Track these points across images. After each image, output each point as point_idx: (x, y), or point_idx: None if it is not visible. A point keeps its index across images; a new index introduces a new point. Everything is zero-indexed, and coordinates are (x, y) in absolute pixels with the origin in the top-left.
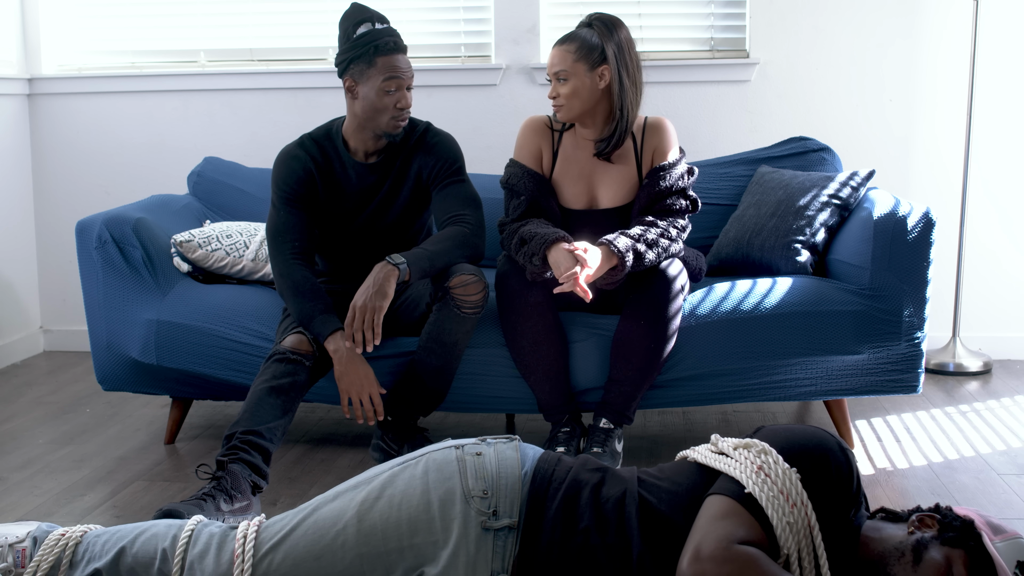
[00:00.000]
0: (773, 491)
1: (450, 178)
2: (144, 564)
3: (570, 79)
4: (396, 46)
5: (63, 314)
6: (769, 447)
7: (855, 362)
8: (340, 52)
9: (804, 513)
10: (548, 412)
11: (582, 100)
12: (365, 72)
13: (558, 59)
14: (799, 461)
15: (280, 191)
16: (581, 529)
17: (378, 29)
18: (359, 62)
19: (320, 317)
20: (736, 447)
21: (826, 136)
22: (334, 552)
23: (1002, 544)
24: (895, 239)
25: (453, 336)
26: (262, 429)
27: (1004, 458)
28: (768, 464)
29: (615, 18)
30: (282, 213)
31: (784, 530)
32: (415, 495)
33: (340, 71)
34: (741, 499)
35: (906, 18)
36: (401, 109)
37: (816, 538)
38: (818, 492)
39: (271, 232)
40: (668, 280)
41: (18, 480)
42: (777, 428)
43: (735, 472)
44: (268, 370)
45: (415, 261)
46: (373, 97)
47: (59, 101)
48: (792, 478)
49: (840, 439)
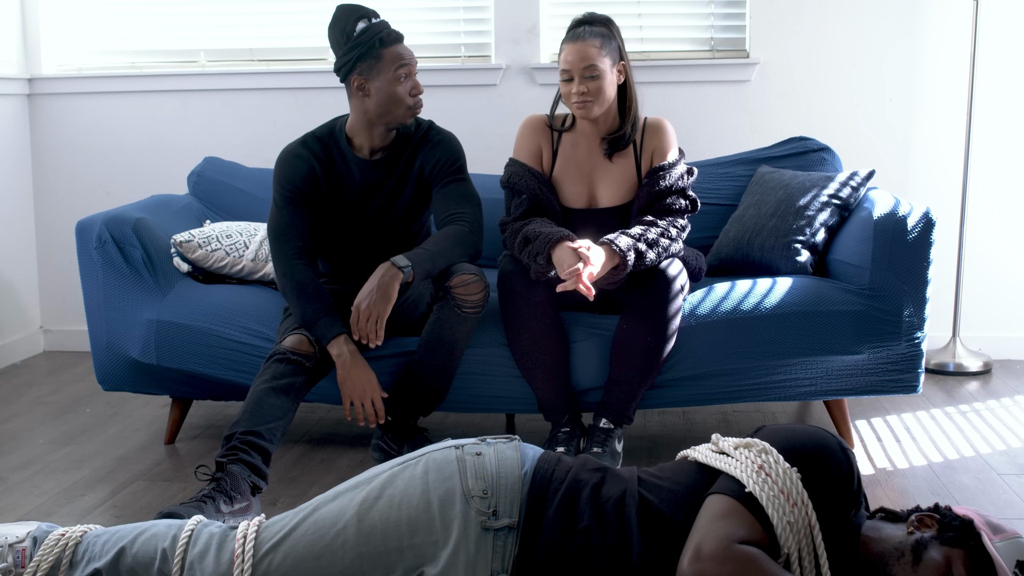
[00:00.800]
0: (774, 490)
1: (451, 176)
2: (144, 564)
3: (600, 75)
4: (397, 36)
5: (63, 314)
6: (770, 447)
7: (855, 362)
8: (342, 54)
9: (805, 513)
10: (548, 412)
11: (608, 96)
12: (374, 67)
13: (585, 54)
14: (800, 461)
15: (283, 190)
16: (581, 529)
17: (375, 24)
18: (366, 59)
19: (324, 320)
20: (737, 447)
21: (826, 136)
22: (334, 552)
23: (1002, 544)
24: (895, 239)
25: (454, 336)
26: (262, 430)
27: (1004, 458)
28: (769, 463)
29: (609, 18)
30: (285, 213)
31: (784, 529)
32: (415, 495)
33: (344, 73)
34: (742, 498)
35: (906, 18)
36: (416, 96)
37: (816, 537)
38: (819, 492)
39: (273, 232)
40: (668, 280)
41: (18, 480)
42: (778, 428)
43: (736, 471)
44: (268, 370)
45: (418, 262)
46: (387, 89)
47: (59, 101)
48: (793, 478)
49: (841, 439)
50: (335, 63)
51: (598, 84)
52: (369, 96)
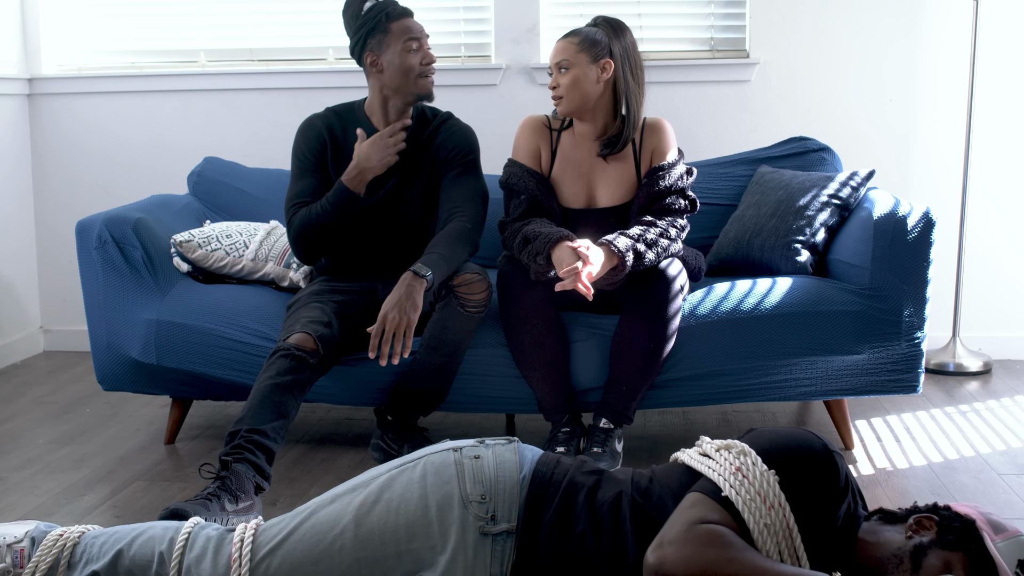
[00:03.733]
0: (751, 492)
1: (462, 167)
2: (141, 567)
3: (571, 68)
4: (404, 10)
5: (63, 314)
6: (749, 448)
7: (855, 362)
8: (353, 34)
9: (782, 515)
10: (548, 412)
11: (581, 92)
12: (383, 41)
13: (560, 49)
14: (778, 463)
15: (297, 159)
16: (577, 533)
17: (382, 1)
18: (375, 34)
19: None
20: (718, 448)
21: (826, 136)
22: (331, 557)
23: (1003, 543)
24: (895, 239)
25: (456, 335)
26: (267, 428)
27: (1004, 458)
28: (747, 465)
29: (621, 21)
30: (300, 181)
31: (761, 532)
32: (413, 499)
33: (358, 53)
34: (719, 500)
35: (906, 18)
36: (427, 64)
37: (796, 540)
38: (799, 493)
39: (289, 200)
40: (668, 280)
41: (18, 480)
42: (764, 431)
43: (714, 474)
44: (273, 366)
45: (436, 268)
46: (398, 61)
47: (59, 101)
48: (770, 480)
49: (827, 441)
50: (349, 46)
51: (568, 78)
52: (383, 72)
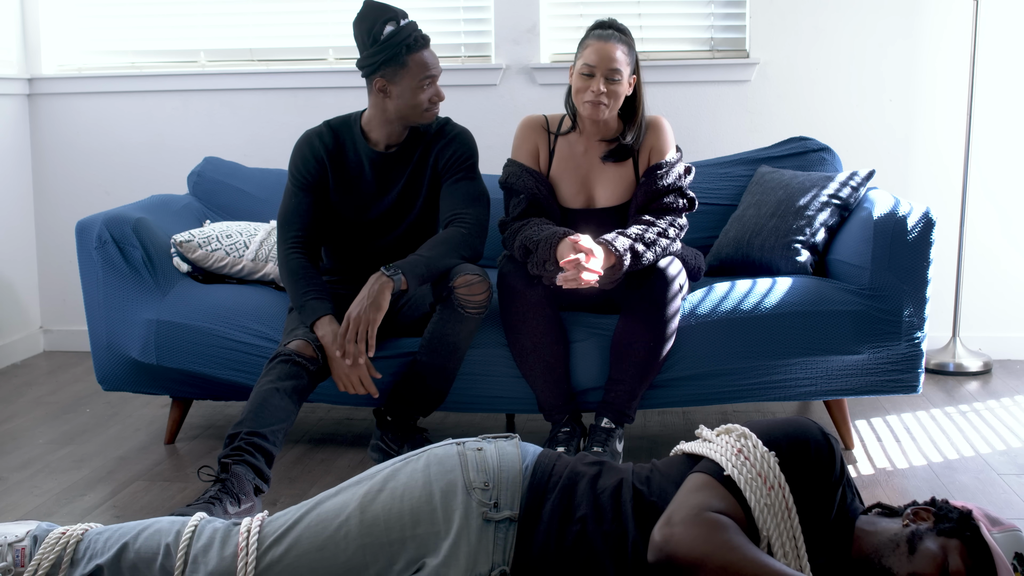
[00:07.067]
0: (752, 473)
1: (461, 173)
2: (147, 560)
3: (622, 80)
4: (424, 41)
5: (63, 314)
6: (749, 432)
7: (855, 362)
8: (367, 55)
9: (782, 496)
10: (548, 412)
11: (620, 101)
12: (398, 72)
13: (613, 56)
14: (778, 445)
15: (291, 176)
16: (579, 518)
17: (404, 27)
18: (391, 64)
19: (311, 303)
20: (719, 433)
21: (826, 136)
22: (337, 543)
23: (1000, 536)
24: (895, 239)
25: (456, 336)
26: (266, 431)
27: (1004, 458)
28: (748, 447)
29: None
30: (291, 200)
31: (762, 512)
32: (417, 487)
33: (368, 72)
34: (721, 479)
35: (906, 18)
36: (436, 101)
37: (794, 520)
38: (798, 475)
39: (279, 219)
40: (667, 279)
41: (18, 480)
42: (762, 420)
43: (715, 455)
44: (273, 371)
45: (411, 269)
46: (409, 95)
47: (59, 101)
48: (771, 461)
49: (824, 428)
50: (358, 60)
51: (616, 88)
52: (390, 98)
